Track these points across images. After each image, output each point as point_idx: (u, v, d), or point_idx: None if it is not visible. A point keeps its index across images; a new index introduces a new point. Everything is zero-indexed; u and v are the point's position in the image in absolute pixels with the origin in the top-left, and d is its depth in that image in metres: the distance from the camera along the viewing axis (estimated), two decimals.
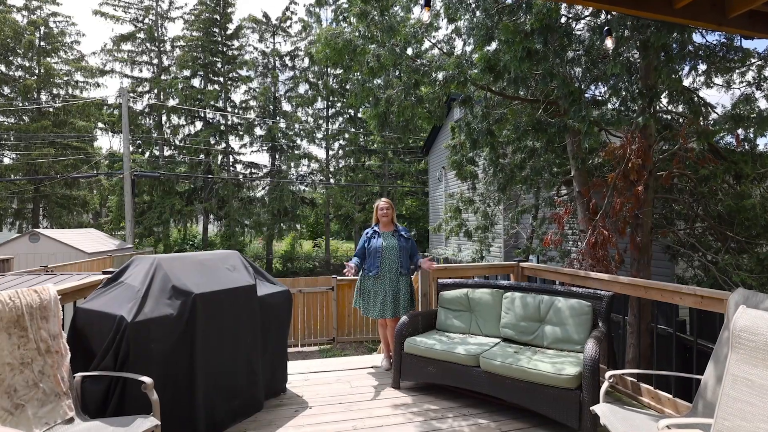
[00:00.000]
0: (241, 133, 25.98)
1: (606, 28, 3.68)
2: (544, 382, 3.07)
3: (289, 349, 8.78)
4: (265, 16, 26.33)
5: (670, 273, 7.65)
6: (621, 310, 5.36)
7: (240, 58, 26.26)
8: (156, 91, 25.77)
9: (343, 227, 30.84)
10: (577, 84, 4.98)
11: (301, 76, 26.17)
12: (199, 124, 26.18)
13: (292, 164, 26.37)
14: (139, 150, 25.87)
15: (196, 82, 26.12)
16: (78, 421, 2.37)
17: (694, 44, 4.91)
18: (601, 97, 5.62)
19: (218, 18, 26.07)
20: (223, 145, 26.10)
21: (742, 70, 5.45)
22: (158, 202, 24.15)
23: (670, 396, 3.18)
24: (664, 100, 6.01)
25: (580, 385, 3.01)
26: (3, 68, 23.60)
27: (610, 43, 3.44)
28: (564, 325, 3.63)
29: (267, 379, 3.51)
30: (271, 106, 26.23)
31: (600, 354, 3.09)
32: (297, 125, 26.13)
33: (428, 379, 3.73)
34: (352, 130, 26.55)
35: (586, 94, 5.50)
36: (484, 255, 8.74)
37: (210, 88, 26.05)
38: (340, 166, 27.54)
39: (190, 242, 26.88)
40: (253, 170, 27.13)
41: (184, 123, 26.05)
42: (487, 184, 8.03)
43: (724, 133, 5.51)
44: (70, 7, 51.06)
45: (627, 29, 4.62)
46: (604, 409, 2.50)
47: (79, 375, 2.54)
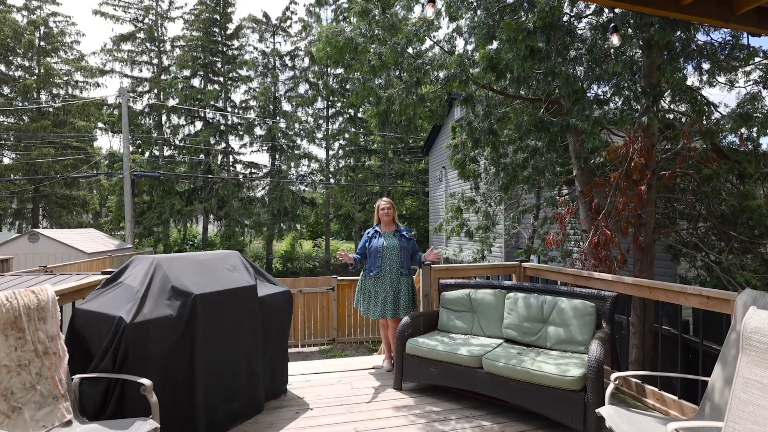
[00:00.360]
0: (241, 133, 25.94)
1: (612, 25, 3.65)
2: (548, 384, 3.04)
3: (290, 350, 8.71)
4: (265, 15, 26.31)
5: (672, 273, 7.61)
6: (624, 311, 5.33)
7: (240, 58, 26.22)
8: (156, 91, 25.73)
9: (343, 227, 30.80)
10: (580, 83, 4.95)
11: (301, 76, 26.13)
12: (199, 124, 26.15)
13: (292, 164, 26.33)
14: (139, 150, 25.82)
15: (196, 82, 26.10)
16: (76, 424, 2.34)
17: (697, 42, 4.88)
18: (604, 97, 5.58)
19: (218, 18, 26.04)
20: (223, 145, 26.06)
21: (747, 69, 5.41)
22: (158, 202, 24.11)
23: (675, 398, 3.14)
24: (666, 99, 5.98)
25: (584, 387, 2.97)
26: (3, 68, 23.57)
27: (616, 40, 3.41)
28: (567, 325, 3.60)
29: (267, 381, 3.47)
30: (271, 106, 26.19)
31: (604, 355, 3.06)
32: (297, 125, 26.09)
33: (430, 380, 3.70)
34: (352, 129, 26.51)
35: (589, 94, 5.47)
36: (485, 255, 8.70)
37: (210, 87, 26.01)
38: (340, 166, 27.50)
39: (190, 242, 26.83)
40: (253, 170, 27.09)
41: (184, 123, 26.01)
42: (488, 184, 7.99)
43: (726, 132, 5.47)
44: (69, 7, 51.08)
45: (630, 27, 4.59)
46: (609, 412, 2.47)
47: (77, 377, 2.51)
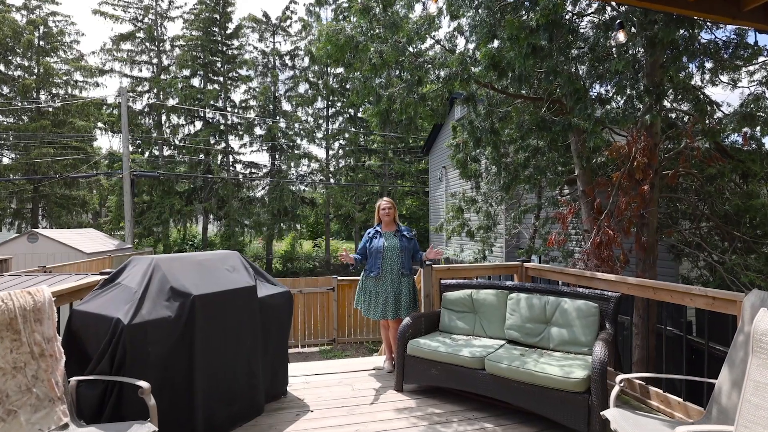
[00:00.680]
0: (241, 132, 25.89)
1: (618, 21, 3.61)
2: (552, 386, 3.00)
3: (290, 350, 8.67)
4: (265, 15, 26.26)
5: (674, 273, 7.57)
6: (626, 311, 5.29)
7: (240, 58, 26.16)
8: (155, 91, 25.68)
9: (343, 227, 30.75)
10: (582, 82, 4.91)
11: (301, 76, 26.08)
12: (198, 124, 26.10)
13: (292, 164, 26.28)
14: (139, 150, 25.77)
15: (196, 82, 26.04)
16: (73, 427, 2.30)
17: (701, 41, 4.84)
18: (606, 96, 5.54)
19: (218, 17, 25.99)
20: (223, 144, 26.01)
21: (751, 68, 5.37)
22: (158, 202, 24.06)
23: (680, 400, 3.11)
24: (668, 98, 5.94)
25: (588, 389, 2.93)
26: (2, 68, 23.51)
27: (622, 37, 3.36)
28: (570, 326, 3.56)
29: (267, 382, 3.44)
30: (271, 106, 26.14)
31: (609, 357, 3.02)
32: (297, 125, 26.05)
33: (432, 381, 3.66)
34: (352, 129, 26.46)
35: (591, 93, 5.43)
36: (486, 255, 8.67)
37: (210, 87, 25.95)
38: (340, 165, 27.45)
39: (190, 242, 26.78)
40: (253, 170, 27.03)
41: (184, 123, 25.96)
42: (489, 183, 7.95)
43: (729, 132, 5.43)
44: (69, 7, 51.03)
45: (633, 26, 4.55)
46: (614, 414, 2.43)
47: (74, 379, 2.47)
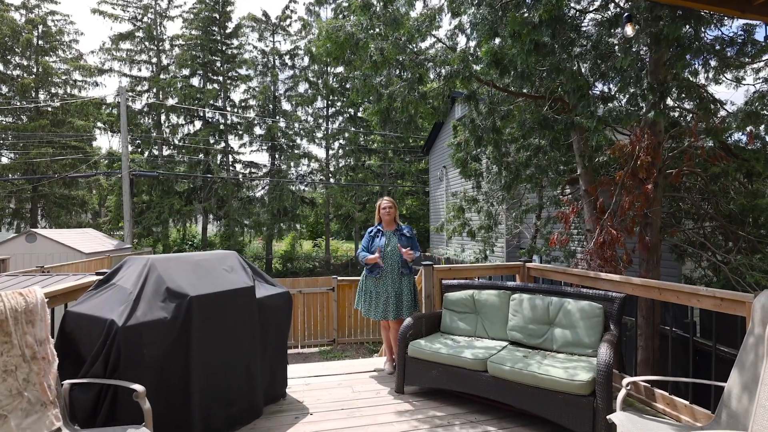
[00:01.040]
0: (241, 132, 25.83)
1: (626, 14, 3.54)
2: (556, 388, 2.94)
3: (289, 351, 8.62)
4: (265, 14, 26.18)
5: (676, 273, 7.51)
6: (629, 312, 5.24)
7: (239, 57, 26.08)
8: (155, 90, 25.61)
9: (343, 227, 30.70)
10: (585, 79, 4.85)
11: (301, 75, 26.01)
12: (198, 124, 26.03)
13: (292, 164, 26.22)
14: (138, 150, 25.69)
15: (195, 81, 25.96)
16: None
17: (707, 37, 4.78)
18: (609, 94, 5.48)
19: (217, 17, 25.91)
20: (223, 144, 25.94)
21: (756, 66, 5.31)
22: (157, 201, 23.99)
23: (686, 402, 3.05)
24: (671, 96, 5.87)
25: (593, 392, 2.88)
26: (1, 67, 23.45)
27: (630, 31, 3.30)
28: (574, 328, 3.50)
29: (266, 385, 3.38)
30: (271, 105, 26.08)
31: (614, 359, 2.96)
32: (297, 124, 25.98)
33: (433, 383, 3.60)
34: (352, 129, 26.39)
35: (593, 91, 5.37)
36: (488, 255, 8.61)
37: (209, 87, 25.88)
38: (340, 165, 27.40)
39: (190, 242, 26.70)
40: (253, 170, 26.97)
41: (183, 122, 25.89)
42: (490, 183, 7.89)
43: (733, 130, 5.37)
44: (68, 6, 50.92)
45: (638, 23, 4.48)
46: (621, 418, 2.37)
47: (67, 382, 2.41)
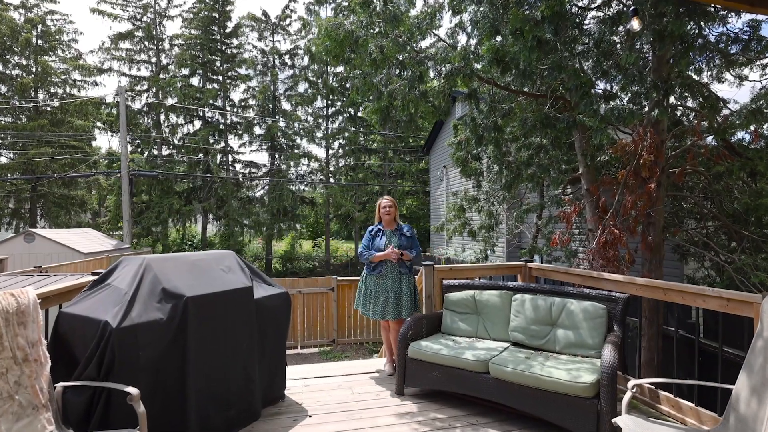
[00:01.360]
0: (240, 132, 25.75)
1: (632, 8, 3.49)
2: (559, 390, 2.89)
3: (289, 351, 8.59)
4: (265, 14, 26.10)
5: (679, 273, 7.45)
6: (632, 313, 5.18)
7: (239, 57, 26.00)
8: (154, 90, 25.52)
9: (343, 227, 30.64)
10: (588, 76, 4.79)
11: (301, 75, 25.94)
12: (197, 123, 25.94)
13: (292, 163, 26.14)
14: (138, 150, 25.62)
15: (195, 81, 25.87)
16: None
17: (712, 33, 4.73)
18: (610, 92, 5.42)
19: (217, 16, 25.84)
20: (222, 144, 25.87)
21: (763, 62, 5.26)
22: (157, 201, 23.93)
23: (692, 405, 2.99)
24: (674, 94, 5.82)
25: (597, 394, 2.82)
26: (0, 67, 23.39)
27: (636, 25, 3.25)
28: (577, 328, 3.45)
29: (264, 386, 3.33)
30: (271, 105, 26.01)
31: (618, 361, 2.91)
32: (296, 124, 25.91)
33: (433, 385, 3.55)
34: (352, 129, 26.33)
35: (596, 89, 5.32)
36: (488, 255, 8.56)
37: (209, 86, 25.80)
38: (340, 165, 27.32)
39: (189, 242, 26.64)
40: (253, 170, 26.89)
41: (183, 122, 25.80)
42: (491, 182, 7.84)
43: (737, 128, 5.32)
44: (67, 5, 50.92)
45: (642, 20, 4.43)
46: (627, 422, 2.32)
47: (60, 385, 2.36)
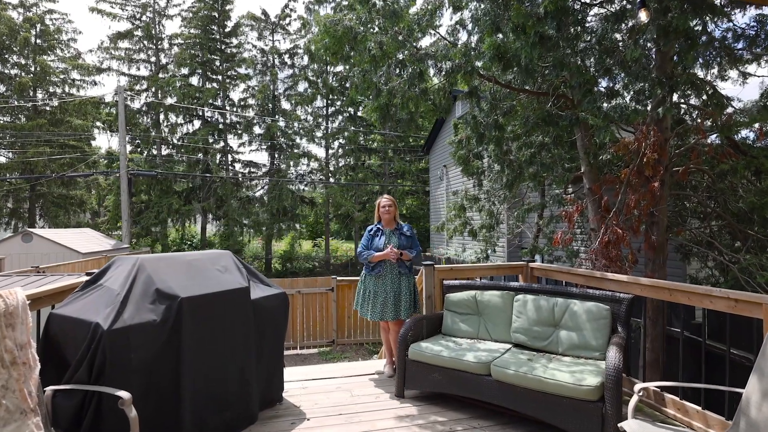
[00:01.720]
0: (240, 131, 25.69)
1: (640, 0, 3.43)
2: (563, 393, 2.82)
3: (288, 352, 8.53)
4: (264, 13, 26.03)
5: (682, 273, 7.38)
6: (636, 314, 5.11)
7: (239, 56, 25.92)
8: (153, 89, 25.45)
9: (343, 227, 30.57)
10: (591, 73, 4.73)
11: (301, 74, 25.86)
12: (197, 123, 25.87)
13: (292, 163, 26.06)
14: (138, 149, 25.55)
15: (194, 80, 25.79)
16: None
17: (717, 30, 4.67)
18: (613, 90, 5.35)
19: (216, 15, 25.76)
20: (222, 143, 25.80)
21: None
22: (156, 201, 23.85)
23: (698, 408, 2.93)
24: (677, 92, 5.75)
25: (602, 397, 2.76)
26: None
27: (644, 16, 3.19)
28: (581, 330, 3.38)
29: (262, 389, 3.26)
30: (270, 105, 25.93)
31: (623, 363, 2.84)
32: (296, 124, 25.83)
33: (434, 387, 3.48)
34: (352, 128, 26.25)
35: (599, 87, 5.25)
36: (489, 255, 8.49)
37: (208, 86, 25.73)
38: (340, 165, 27.25)
39: (189, 242, 26.57)
40: (252, 169, 26.82)
41: (182, 121, 25.73)
42: (492, 181, 7.77)
43: (741, 126, 5.26)
44: (66, 4, 50.71)
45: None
46: (633, 426, 2.25)
47: (50, 389, 2.29)
